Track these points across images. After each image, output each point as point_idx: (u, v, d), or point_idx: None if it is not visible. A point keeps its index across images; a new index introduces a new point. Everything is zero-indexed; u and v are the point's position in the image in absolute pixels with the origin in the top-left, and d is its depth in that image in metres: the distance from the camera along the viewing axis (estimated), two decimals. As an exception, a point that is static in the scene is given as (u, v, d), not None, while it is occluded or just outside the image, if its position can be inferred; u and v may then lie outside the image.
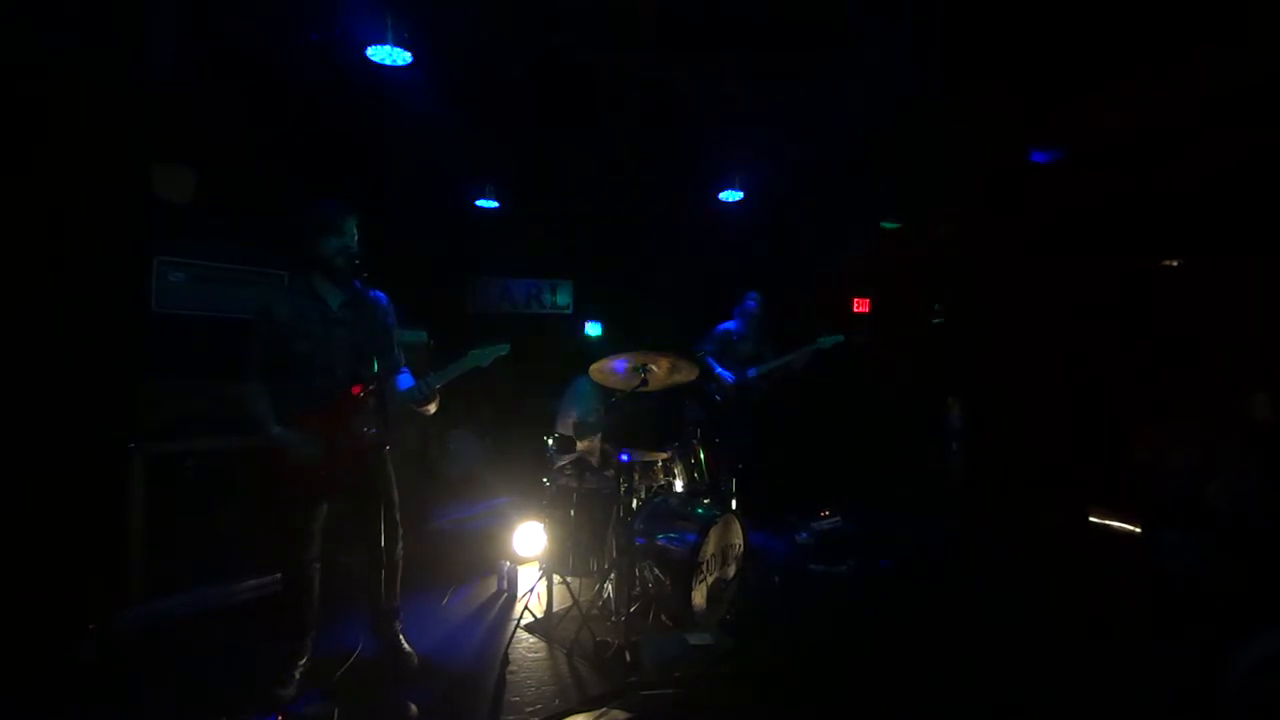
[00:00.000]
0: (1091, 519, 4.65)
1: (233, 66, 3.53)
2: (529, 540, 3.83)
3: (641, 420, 4.26)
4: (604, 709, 2.58)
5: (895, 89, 3.97)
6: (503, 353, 2.71)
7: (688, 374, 3.43)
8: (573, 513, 3.46)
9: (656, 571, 3.31)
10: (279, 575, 2.83)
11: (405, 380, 2.73)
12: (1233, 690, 2.20)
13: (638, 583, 3.28)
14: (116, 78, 3.24)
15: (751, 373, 4.78)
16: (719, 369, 4.74)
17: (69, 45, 3.05)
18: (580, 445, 3.79)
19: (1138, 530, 4.31)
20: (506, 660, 2.95)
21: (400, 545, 2.78)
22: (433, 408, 2.69)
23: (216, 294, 3.54)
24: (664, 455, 3.99)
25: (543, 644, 3.16)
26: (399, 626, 2.86)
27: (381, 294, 2.75)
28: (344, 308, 2.62)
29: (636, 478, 3.53)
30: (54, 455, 2.97)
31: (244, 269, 3.65)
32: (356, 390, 2.54)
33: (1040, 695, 2.75)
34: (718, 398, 4.75)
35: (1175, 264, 5.26)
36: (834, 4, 3.33)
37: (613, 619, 3.21)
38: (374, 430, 2.62)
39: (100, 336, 3.17)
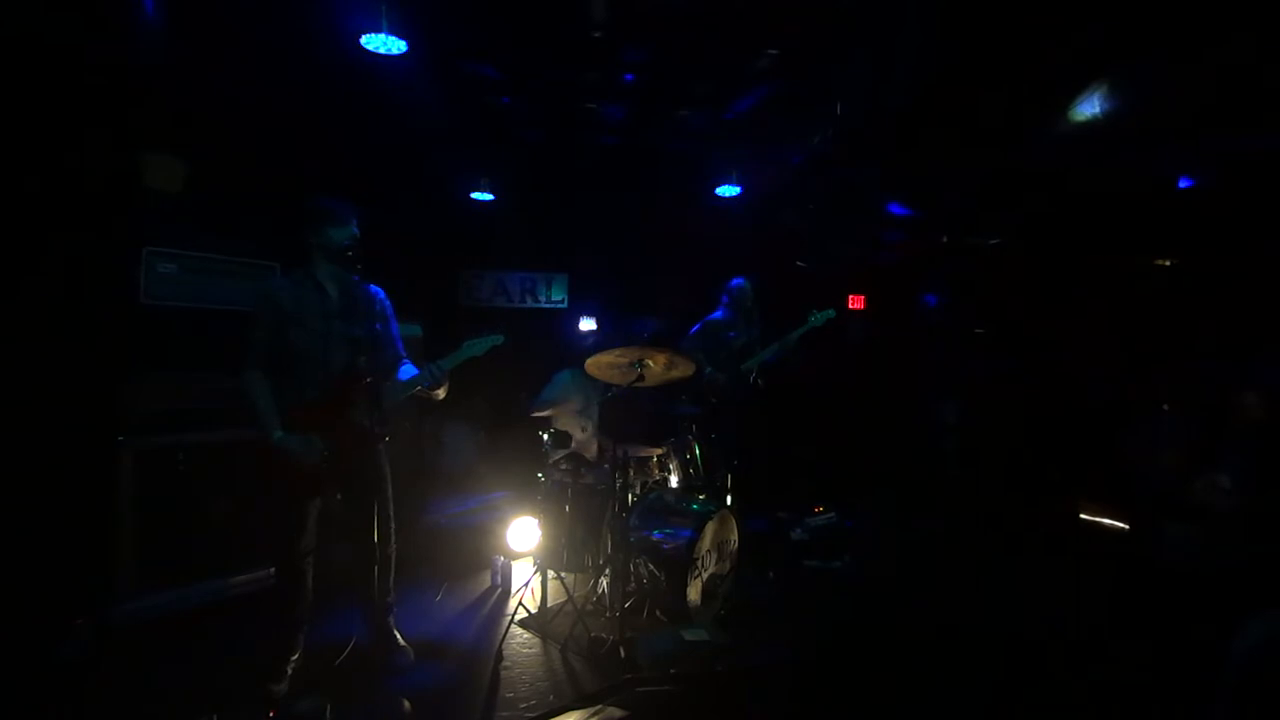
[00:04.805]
0: (1082, 515, 4.69)
1: (225, 55, 3.47)
2: (523, 535, 3.81)
3: (636, 416, 4.25)
4: (599, 705, 2.57)
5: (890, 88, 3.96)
6: (498, 342, 2.75)
7: (684, 370, 3.42)
8: (568, 508, 3.45)
9: (651, 567, 3.30)
10: (271, 570, 2.80)
11: (408, 370, 2.73)
12: (1230, 678, 2.22)
13: (633, 578, 3.27)
14: (106, 64, 3.18)
15: (748, 366, 4.61)
16: (709, 368, 4.50)
17: (58, 31, 3.00)
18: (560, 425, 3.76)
19: (1126, 527, 4.35)
20: (501, 656, 2.95)
21: (393, 539, 2.78)
22: (442, 392, 2.73)
23: (207, 285, 3.50)
24: (659, 451, 3.98)
25: (537, 639, 3.15)
26: (393, 620, 2.84)
27: (378, 288, 2.74)
28: (341, 300, 2.61)
29: (632, 473, 3.52)
30: (42, 449, 2.93)
31: (236, 260, 3.61)
32: (353, 382, 2.53)
33: (1036, 693, 2.77)
34: (712, 400, 4.53)
35: (1166, 263, 5.30)
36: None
37: (608, 615, 3.21)
38: (370, 422, 2.61)
39: (88, 328, 3.12)
